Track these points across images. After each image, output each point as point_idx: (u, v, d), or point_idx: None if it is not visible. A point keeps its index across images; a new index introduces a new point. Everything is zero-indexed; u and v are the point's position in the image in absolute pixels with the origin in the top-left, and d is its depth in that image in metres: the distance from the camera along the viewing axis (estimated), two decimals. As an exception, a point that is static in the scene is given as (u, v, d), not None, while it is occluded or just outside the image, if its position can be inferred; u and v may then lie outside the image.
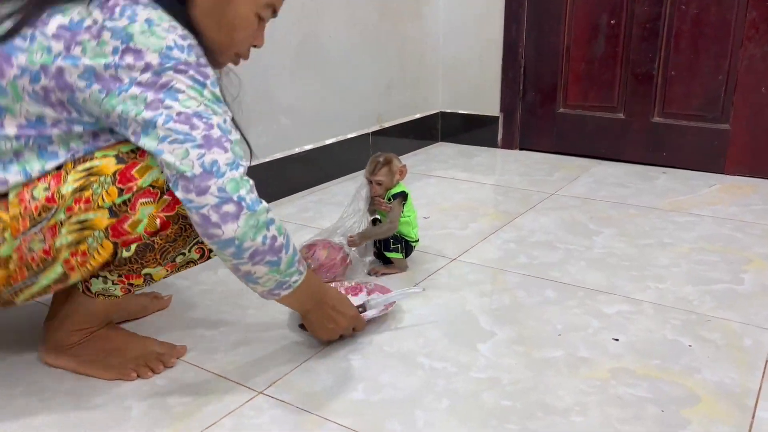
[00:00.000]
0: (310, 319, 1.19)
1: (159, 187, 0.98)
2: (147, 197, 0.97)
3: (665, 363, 1.18)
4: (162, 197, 0.98)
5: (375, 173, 1.52)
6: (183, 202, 0.94)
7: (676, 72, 2.38)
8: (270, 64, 2.03)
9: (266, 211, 0.98)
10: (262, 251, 0.98)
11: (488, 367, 1.17)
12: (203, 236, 0.96)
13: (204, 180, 0.92)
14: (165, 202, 0.99)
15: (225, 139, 0.95)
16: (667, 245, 1.72)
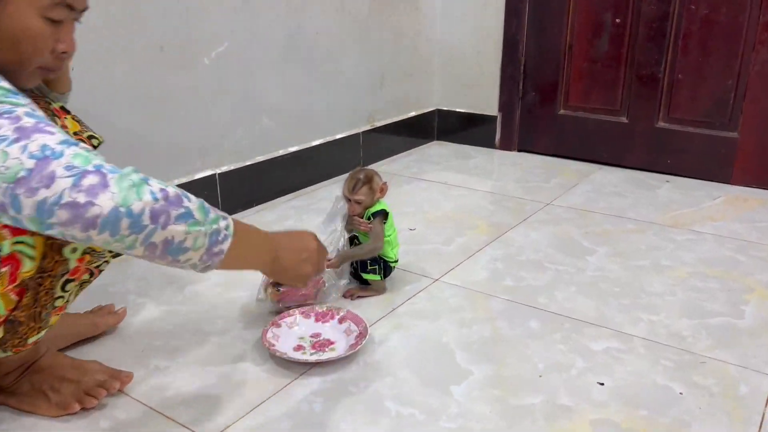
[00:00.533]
0: (280, 267, 1.00)
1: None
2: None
3: (653, 414, 1.09)
4: None
5: (355, 192, 1.42)
6: (37, 210, 0.74)
7: (683, 75, 2.25)
8: (253, 60, 1.93)
9: (134, 171, 0.81)
10: (160, 208, 0.79)
11: (459, 416, 1.08)
12: (85, 229, 0.75)
13: (43, 167, 0.74)
14: (3, 276, 0.83)
15: (43, 124, 0.78)
16: (663, 268, 1.62)
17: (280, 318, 1.32)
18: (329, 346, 1.26)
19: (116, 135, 1.61)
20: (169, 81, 1.71)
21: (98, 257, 0.97)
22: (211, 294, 1.49)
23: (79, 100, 1.50)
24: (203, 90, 1.81)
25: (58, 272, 0.92)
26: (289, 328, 1.31)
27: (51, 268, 0.91)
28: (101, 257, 0.98)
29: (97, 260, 0.97)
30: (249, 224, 0.97)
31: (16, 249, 0.83)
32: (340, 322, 1.33)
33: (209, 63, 1.81)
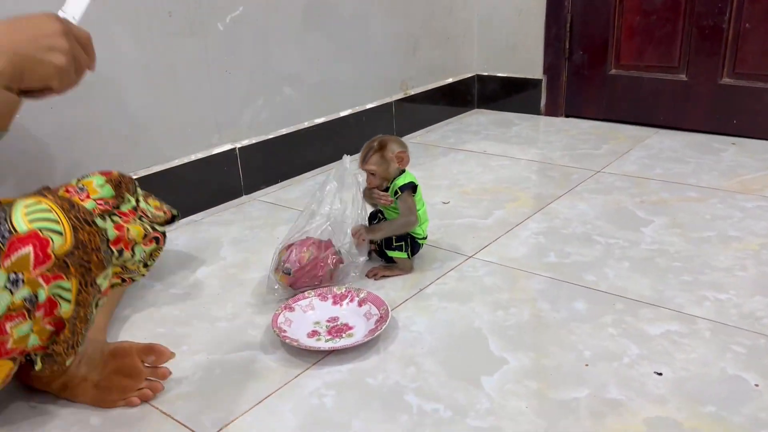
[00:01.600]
0: (15, 70, 0.77)
1: (18, 307, 0.77)
2: (13, 319, 0.77)
3: (722, 411, 0.92)
4: (34, 315, 0.79)
5: (365, 161, 1.28)
6: None
7: (751, 24, 2.01)
8: (271, 25, 1.79)
9: None
10: None
11: (490, 413, 0.94)
12: None
13: None
14: (38, 318, 0.79)
15: None
16: (730, 240, 1.42)
17: (293, 300, 1.20)
18: (347, 332, 1.13)
19: (123, 109, 1.51)
20: (180, 49, 1.60)
21: (129, 273, 0.88)
22: (224, 276, 1.37)
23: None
24: (217, 58, 1.68)
25: (91, 300, 0.86)
26: (304, 312, 1.18)
27: (85, 301, 0.85)
28: (133, 273, 0.89)
29: (128, 274, 0.88)
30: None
31: (53, 293, 0.80)
32: (359, 304, 1.20)
33: (223, 29, 1.68)
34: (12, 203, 0.79)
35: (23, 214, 0.76)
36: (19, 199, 0.79)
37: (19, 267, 0.75)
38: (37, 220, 0.76)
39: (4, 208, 0.77)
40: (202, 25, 1.63)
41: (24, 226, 0.76)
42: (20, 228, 0.75)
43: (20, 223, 0.76)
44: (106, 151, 1.51)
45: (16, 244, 0.75)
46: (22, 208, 0.77)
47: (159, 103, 1.59)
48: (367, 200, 1.36)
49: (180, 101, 1.63)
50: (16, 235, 0.75)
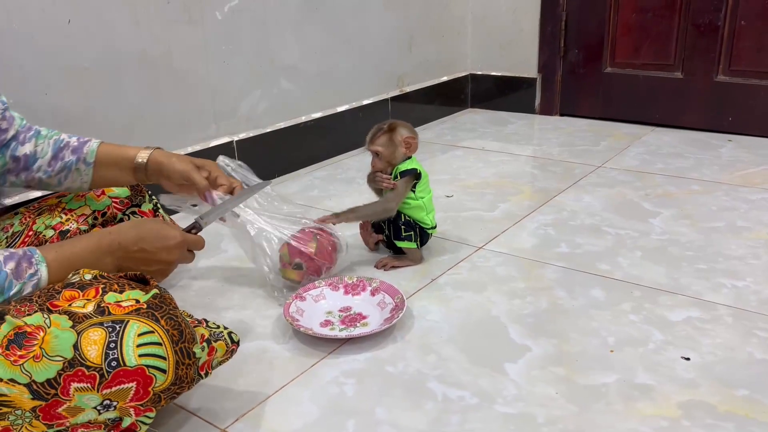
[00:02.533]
0: (128, 269, 0.91)
1: (99, 422, 0.74)
2: (89, 428, 0.74)
3: (755, 394, 0.89)
4: (109, 429, 0.76)
5: (372, 141, 1.25)
6: None
7: (747, 22, 2.02)
8: (268, 17, 1.75)
9: None
10: None
11: (519, 399, 0.90)
12: None
13: None
14: None
15: None
16: (740, 230, 1.41)
17: (304, 290, 1.16)
18: (361, 321, 1.09)
19: (118, 97, 1.46)
20: (177, 37, 1.55)
21: None
22: (226, 268, 1.33)
23: (70, 58, 1.35)
24: (215, 48, 1.64)
25: None
26: (315, 302, 1.14)
27: None
28: None
29: None
30: (86, 239, 0.91)
31: (137, 420, 0.77)
32: (372, 294, 1.16)
33: (222, 18, 1.64)
34: (125, 321, 0.72)
35: (135, 344, 0.71)
36: (133, 318, 0.73)
37: (117, 397, 0.71)
38: (147, 356, 0.72)
39: (116, 327, 0.72)
40: (201, 13, 1.59)
41: (133, 360, 0.71)
42: (129, 362, 0.71)
43: (130, 356, 0.71)
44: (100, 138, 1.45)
45: (121, 377, 0.71)
46: (135, 336, 0.72)
47: (156, 92, 1.54)
48: (370, 184, 1.32)
49: (177, 90, 1.58)
50: (123, 368, 0.70)
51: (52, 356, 0.68)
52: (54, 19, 1.32)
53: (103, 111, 1.44)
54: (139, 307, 0.75)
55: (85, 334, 0.70)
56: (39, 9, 1.29)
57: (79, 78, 1.39)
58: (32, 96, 1.32)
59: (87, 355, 0.69)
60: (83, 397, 0.70)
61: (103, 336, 0.70)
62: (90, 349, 0.69)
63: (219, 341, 0.82)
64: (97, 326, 0.71)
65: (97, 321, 0.72)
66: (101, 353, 0.70)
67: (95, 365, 0.69)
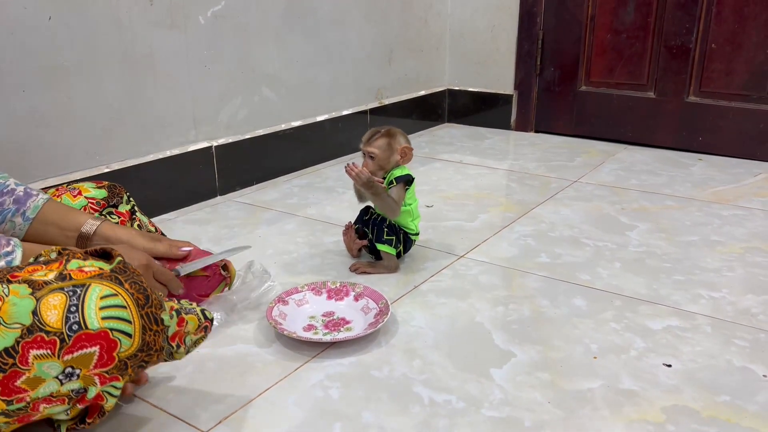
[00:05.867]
0: None
1: (62, 395, 0.70)
2: (51, 403, 0.70)
3: (737, 400, 0.91)
4: (75, 404, 0.72)
5: (370, 142, 1.25)
6: None
7: (717, 45, 2.09)
8: (251, 25, 1.75)
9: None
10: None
11: (505, 403, 0.90)
12: None
13: None
14: (77, 406, 0.74)
15: None
16: (714, 244, 1.44)
17: (286, 294, 1.14)
18: (344, 326, 1.08)
19: (98, 98, 1.44)
20: (159, 40, 1.53)
21: (171, 358, 0.81)
22: (206, 272, 1.30)
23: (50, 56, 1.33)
24: (197, 52, 1.63)
25: None
26: (298, 306, 1.13)
27: None
28: (173, 358, 0.81)
29: (168, 359, 0.81)
30: None
31: (103, 391, 0.73)
32: (356, 299, 1.15)
33: (204, 23, 1.63)
34: (86, 285, 0.69)
35: (97, 307, 0.68)
36: (96, 282, 0.70)
37: (79, 363, 0.68)
38: (110, 319, 0.69)
39: (76, 291, 0.69)
40: (184, 17, 1.57)
41: (96, 323, 0.68)
42: (91, 324, 0.68)
43: (92, 318, 0.68)
44: (79, 141, 1.42)
45: (83, 341, 0.67)
46: (97, 299, 0.69)
47: (136, 94, 1.51)
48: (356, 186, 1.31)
49: (157, 93, 1.56)
50: (85, 332, 0.67)
51: (9, 324, 0.65)
52: (35, 16, 1.30)
53: (81, 112, 1.41)
54: (102, 272, 0.71)
55: (45, 299, 0.67)
56: (20, 5, 1.27)
57: (59, 77, 1.36)
58: (9, 94, 1.29)
59: (46, 320, 0.66)
60: (43, 365, 0.66)
61: (63, 300, 0.67)
62: (49, 314, 0.66)
63: (190, 315, 0.79)
64: (57, 291, 0.68)
65: (57, 286, 0.68)
66: (61, 317, 0.66)
67: (55, 330, 0.66)
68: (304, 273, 1.30)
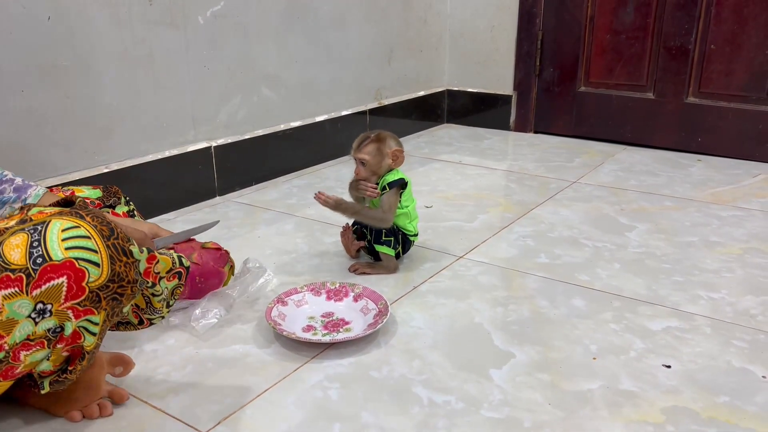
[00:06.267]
0: None
1: (39, 337, 0.69)
2: (31, 348, 0.70)
3: (736, 401, 0.91)
4: (54, 346, 0.72)
5: (360, 148, 1.25)
6: None
7: (716, 46, 2.09)
8: (251, 25, 1.75)
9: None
10: None
11: (505, 404, 0.90)
12: None
13: None
14: (58, 348, 0.73)
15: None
16: (714, 244, 1.44)
17: (286, 294, 1.14)
18: (344, 326, 1.08)
19: (97, 98, 1.43)
20: (159, 39, 1.53)
21: (151, 313, 0.81)
22: (205, 272, 1.30)
23: (49, 55, 1.32)
24: (197, 52, 1.63)
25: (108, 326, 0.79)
26: (297, 307, 1.13)
27: (106, 330, 0.78)
28: (156, 312, 0.82)
29: (149, 314, 0.80)
30: None
31: (79, 326, 0.73)
32: (355, 299, 1.15)
33: (204, 22, 1.63)
34: (46, 221, 0.69)
35: (60, 239, 0.68)
36: (56, 218, 0.70)
37: (49, 297, 0.67)
38: (74, 249, 0.68)
39: (37, 228, 0.68)
40: (183, 17, 1.57)
41: (60, 253, 0.67)
42: (55, 255, 0.67)
43: (56, 249, 0.67)
44: (78, 141, 1.42)
45: (49, 273, 0.67)
46: (59, 231, 0.68)
47: (135, 94, 1.51)
48: (351, 192, 1.31)
49: (157, 93, 1.56)
50: (50, 263, 0.67)
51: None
52: (34, 16, 1.29)
53: (81, 111, 1.41)
54: (62, 211, 0.71)
55: (7, 241, 0.66)
56: (19, 5, 1.27)
57: (58, 77, 1.36)
58: (8, 94, 1.28)
59: (10, 258, 0.66)
60: (13, 304, 0.65)
61: (25, 238, 0.67)
62: (13, 253, 0.66)
63: (163, 256, 0.79)
64: (18, 232, 0.67)
65: (18, 228, 0.68)
66: (25, 254, 0.66)
67: (20, 266, 0.66)
68: (303, 273, 1.30)
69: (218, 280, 1.13)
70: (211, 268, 1.11)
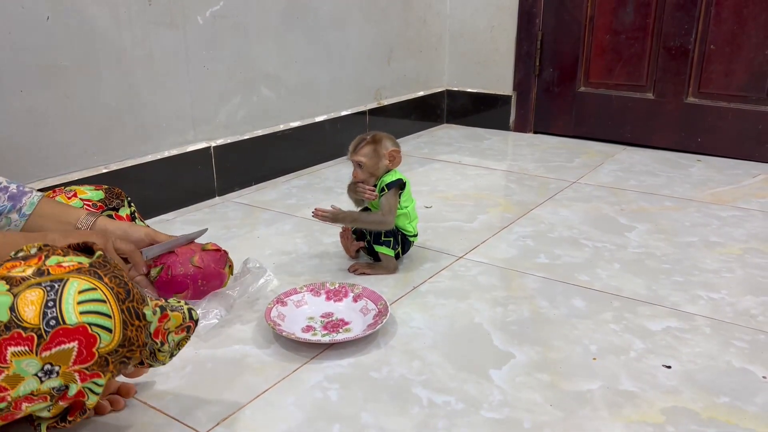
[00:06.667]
0: None
1: (43, 393, 0.69)
2: (33, 401, 0.69)
3: (736, 401, 0.91)
4: (57, 402, 0.71)
5: (356, 151, 1.25)
6: None
7: (716, 46, 2.09)
8: (250, 25, 1.75)
9: None
10: None
11: (505, 404, 0.90)
12: None
13: None
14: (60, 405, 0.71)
15: None
16: (713, 245, 1.44)
17: (285, 295, 1.14)
18: (343, 327, 1.08)
19: (96, 98, 1.43)
20: (158, 39, 1.53)
21: (154, 360, 0.80)
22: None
23: (48, 56, 1.32)
24: (196, 52, 1.62)
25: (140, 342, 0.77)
26: (297, 307, 1.13)
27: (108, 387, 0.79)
28: (158, 362, 0.80)
29: (151, 361, 0.79)
30: (14, 234, 0.94)
31: (84, 388, 0.71)
32: (354, 300, 1.15)
33: (203, 22, 1.63)
34: (64, 279, 0.68)
35: (75, 301, 0.67)
36: (74, 276, 0.69)
37: (58, 360, 0.67)
38: (89, 313, 0.67)
39: (54, 285, 0.67)
40: (183, 17, 1.57)
41: (74, 317, 0.67)
42: (69, 319, 0.66)
43: (70, 313, 0.67)
44: (77, 141, 1.42)
45: (61, 336, 0.66)
46: (75, 293, 0.68)
47: (134, 94, 1.51)
48: (350, 195, 1.31)
49: (156, 93, 1.56)
50: (63, 327, 0.66)
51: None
52: (33, 16, 1.29)
53: (80, 112, 1.41)
54: (81, 267, 0.70)
55: (22, 295, 0.66)
56: (18, 5, 1.27)
57: (57, 77, 1.36)
58: (7, 94, 1.28)
59: (23, 316, 0.65)
60: (22, 362, 0.65)
61: (40, 295, 0.66)
62: (27, 310, 0.65)
63: (175, 312, 0.78)
64: (34, 287, 0.67)
65: (35, 281, 0.67)
66: (39, 313, 0.65)
67: (32, 326, 0.65)
68: (302, 274, 1.30)
69: (219, 282, 1.13)
70: (213, 270, 1.11)
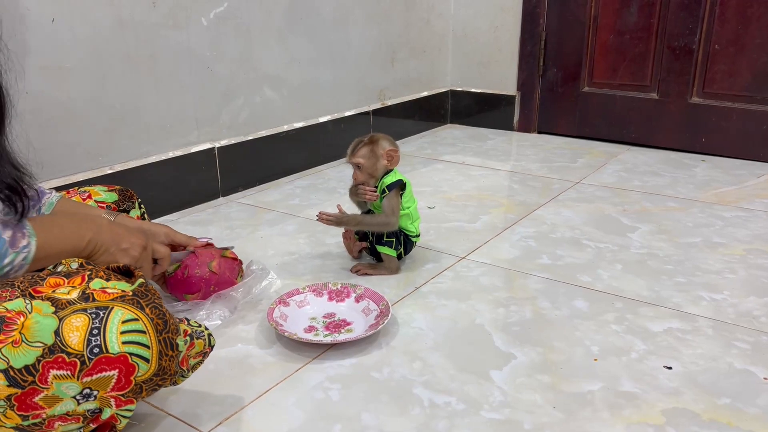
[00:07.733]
0: (94, 248, 0.89)
1: (78, 414, 0.71)
2: (67, 421, 0.71)
3: (737, 403, 0.91)
4: (89, 424, 0.73)
5: (354, 153, 1.25)
6: None
7: (720, 46, 2.08)
8: (253, 26, 1.75)
9: None
10: None
11: (505, 405, 0.90)
12: None
13: None
14: (90, 426, 0.73)
15: None
16: (716, 245, 1.44)
17: (288, 295, 1.15)
18: (345, 327, 1.08)
19: (101, 99, 1.44)
20: (162, 40, 1.54)
21: (172, 384, 0.81)
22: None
23: (53, 57, 1.33)
24: (199, 53, 1.63)
25: None
26: (299, 307, 1.13)
27: None
28: (173, 384, 0.81)
29: (170, 385, 0.81)
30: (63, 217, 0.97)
31: (117, 413, 0.74)
32: (356, 300, 1.15)
33: (207, 24, 1.63)
34: (109, 308, 0.70)
35: (119, 331, 0.69)
36: (118, 305, 0.71)
37: (97, 385, 0.69)
38: (131, 344, 0.70)
39: (99, 313, 0.69)
40: (186, 19, 1.58)
41: (116, 347, 0.69)
42: (112, 348, 0.68)
43: (113, 342, 0.69)
44: (81, 142, 1.43)
45: (103, 364, 0.68)
46: (119, 323, 0.69)
47: (138, 95, 1.52)
48: (352, 197, 1.32)
49: (160, 94, 1.56)
50: (105, 355, 0.68)
51: (31, 342, 0.66)
52: (38, 18, 1.30)
53: (84, 113, 1.42)
54: (124, 294, 0.72)
55: (68, 320, 0.68)
56: (23, 7, 1.27)
57: (62, 78, 1.37)
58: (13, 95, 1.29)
59: (68, 341, 0.67)
60: (62, 385, 0.67)
61: (86, 322, 0.68)
62: (72, 336, 0.67)
63: (199, 339, 0.81)
64: (80, 312, 0.69)
65: (81, 307, 0.69)
66: (83, 339, 0.67)
67: (76, 352, 0.67)
68: (305, 274, 1.30)
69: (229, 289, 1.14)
70: (227, 279, 1.13)
